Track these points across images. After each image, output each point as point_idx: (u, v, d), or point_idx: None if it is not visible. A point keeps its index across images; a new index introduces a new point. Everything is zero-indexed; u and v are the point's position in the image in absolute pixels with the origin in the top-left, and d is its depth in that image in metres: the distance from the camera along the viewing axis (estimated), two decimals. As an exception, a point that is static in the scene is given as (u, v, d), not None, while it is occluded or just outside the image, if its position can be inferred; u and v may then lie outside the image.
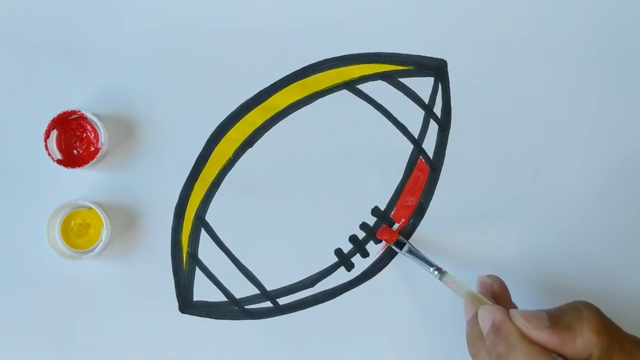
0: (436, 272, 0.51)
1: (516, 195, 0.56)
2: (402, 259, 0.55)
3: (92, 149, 0.55)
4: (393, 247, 0.54)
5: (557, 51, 0.57)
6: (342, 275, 0.55)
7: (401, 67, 0.56)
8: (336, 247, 0.55)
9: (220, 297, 0.55)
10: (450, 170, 0.56)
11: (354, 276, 0.55)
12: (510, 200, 0.56)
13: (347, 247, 0.55)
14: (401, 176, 0.56)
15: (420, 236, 0.56)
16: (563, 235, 0.56)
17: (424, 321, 0.55)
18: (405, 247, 0.53)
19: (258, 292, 0.55)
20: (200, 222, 0.55)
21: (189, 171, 0.55)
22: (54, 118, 0.53)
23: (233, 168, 0.55)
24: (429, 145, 0.56)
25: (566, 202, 0.56)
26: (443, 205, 0.56)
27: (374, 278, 0.55)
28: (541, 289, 0.55)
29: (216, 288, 0.55)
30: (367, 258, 0.55)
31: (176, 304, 0.55)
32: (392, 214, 0.56)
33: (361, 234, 0.55)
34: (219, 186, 0.55)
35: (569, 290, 0.55)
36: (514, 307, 0.50)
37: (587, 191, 0.56)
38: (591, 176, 0.56)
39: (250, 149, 0.56)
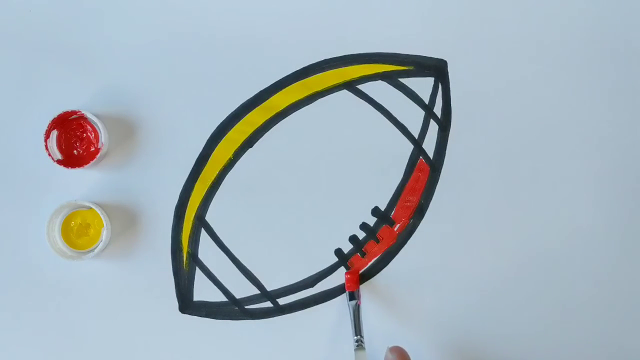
0: (356, 344, 0.52)
1: (516, 195, 0.56)
2: (401, 259, 0.55)
3: (92, 149, 0.55)
4: (347, 293, 0.54)
5: (557, 51, 0.57)
6: (342, 275, 0.55)
7: (401, 67, 0.56)
8: (336, 247, 0.55)
9: (220, 297, 0.55)
10: (450, 170, 0.56)
11: (354, 276, 0.55)
12: (509, 200, 0.56)
13: (347, 247, 0.55)
14: (401, 176, 0.56)
15: (420, 236, 0.56)
16: (563, 236, 0.56)
17: (423, 320, 0.55)
18: (353, 303, 0.53)
19: (258, 292, 0.55)
20: (201, 222, 0.55)
21: (189, 171, 0.55)
22: (54, 118, 0.53)
23: (233, 168, 0.55)
24: (429, 145, 0.56)
25: (566, 202, 0.56)
26: (443, 205, 0.56)
27: (373, 278, 0.55)
28: (544, 295, 0.55)
29: (216, 288, 0.55)
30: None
31: (176, 304, 0.55)
32: (392, 214, 0.56)
33: (361, 234, 0.55)
34: (219, 186, 0.55)
35: (572, 291, 0.56)
36: None
37: (586, 191, 0.56)
38: (591, 176, 0.56)
39: (250, 149, 0.56)
